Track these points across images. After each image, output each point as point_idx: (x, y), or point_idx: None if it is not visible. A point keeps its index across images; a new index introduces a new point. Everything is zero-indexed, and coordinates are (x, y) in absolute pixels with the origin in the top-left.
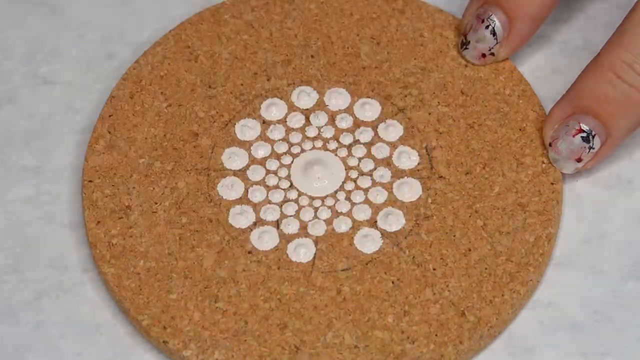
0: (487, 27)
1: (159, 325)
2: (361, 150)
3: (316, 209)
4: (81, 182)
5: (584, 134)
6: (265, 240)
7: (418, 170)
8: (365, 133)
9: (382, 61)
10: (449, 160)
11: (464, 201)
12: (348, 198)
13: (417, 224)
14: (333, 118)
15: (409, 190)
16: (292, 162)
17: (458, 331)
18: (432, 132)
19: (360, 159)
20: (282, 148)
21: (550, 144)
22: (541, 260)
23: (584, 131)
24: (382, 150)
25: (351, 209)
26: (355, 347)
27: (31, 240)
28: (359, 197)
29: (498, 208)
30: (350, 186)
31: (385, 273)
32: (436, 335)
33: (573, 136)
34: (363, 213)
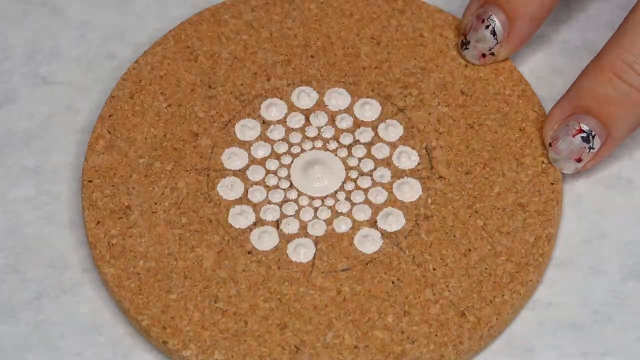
0: (487, 27)
1: (159, 325)
2: (361, 150)
3: (316, 209)
4: (81, 182)
5: (584, 134)
6: (265, 240)
7: (418, 170)
8: (365, 133)
9: (382, 61)
10: (449, 160)
11: (464, 201)
12: (348, 198)
13: (417, 224)
14: (333, 118)
15: (409, 190)
16: (292, 162)
17: (458, 331)
18: (432, 132)
19: (360, 159)
20: (282, 148)
21: (550, 144)
22: (541, 260)
23: (584, 131)
24: (382, 150)
25: (351, 209)
26: (355, 347)
27: (31, 240)
28: (359, 197)
29: (498, 208)
30: (350, 186)
31: (385, 273)
32: (436, 335)
33: (573, 136)
34: (363, 213)
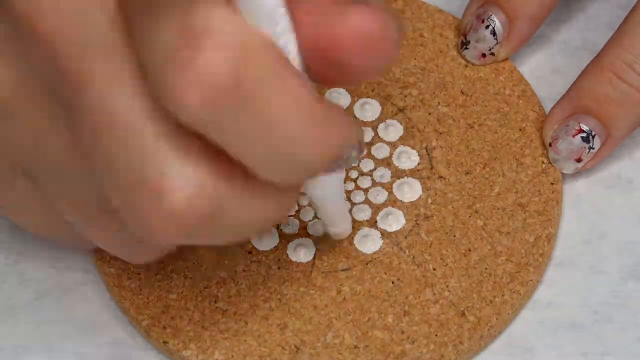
0: (487, 27)
1: (159, 325)
2: None
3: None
4: None
5: (584, 134)
6: (265, 240)
7: (418, 170)
8: (365, 133)
9: None
10: (449, 160)
11: (464, 201)
12: (348, 198)
13: (417, 224)
14: None
15: (409, 190)
16: None
17: (458, 331)
18: (432, 132)
19: (360, 159)
20: None
21: (550, 144)
22: (541, 260)
23: (584, 131)
24: (382, 150)
25: (351, 209)
26: (355, 347)
27: (31, 240)
28: (359, 197)
29: (498, 208)
30: (350, 186)
31: (385, 273)
32: (436, 335)
33: (573, 136)
34: (363, 213)
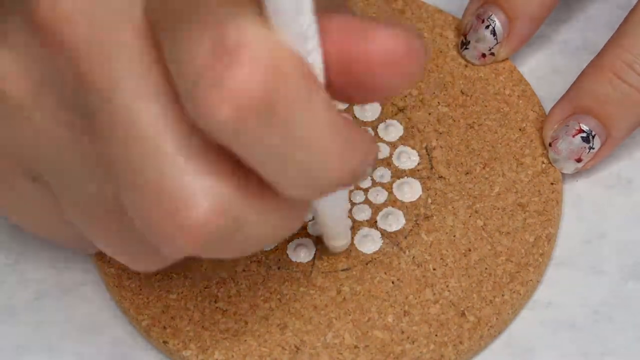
0: (487, 27)
1: (159, 325)
2: None
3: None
4: None
5: (584, 134)
6: None
7: (418, 170)
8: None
9: None
10: (449, 160)
11: (464, 201)
12: (348, 198)
13: (417, 224)
14: None
15: (409, 190)
16: None
17: (458, 331)
18: (432, 132)
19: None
20: None
21: (550, 144)
22: (541, 260)
23: (584, 131)
24: (382, 150)
25: (351, 209)
26: (355, 347)
27: (31, 240)
28: (359, 197)
29: (498, 208)
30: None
31: (385, 273)
32: (436, 335)
33: (573, 136)
34: (363, 213)
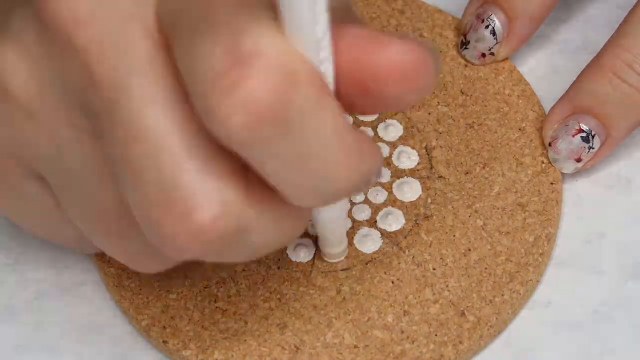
0: (487, 27)
1: (159, 325)
2: None
3: None
4: None
5: (584, 134)
6: None
7: (418, 170)
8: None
9: None
10: (449, 160)
11: (464, 201)
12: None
13: (417, 224)
14: None
15: (409, 190)
16: None
17: (458, 331)
18: (432, 132)
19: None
20: None
21: (550, 144)
22: (541, 260)
23: (584, 131)
24: (382, 150)
25: (351, 209)
26: (355, 347)
27: (31, 240)
28: (359, 197)
29: (498, 208)
30: None
31: (385, 273)
32: (436, 335)
33: (573, 136)
34: (363, 213)
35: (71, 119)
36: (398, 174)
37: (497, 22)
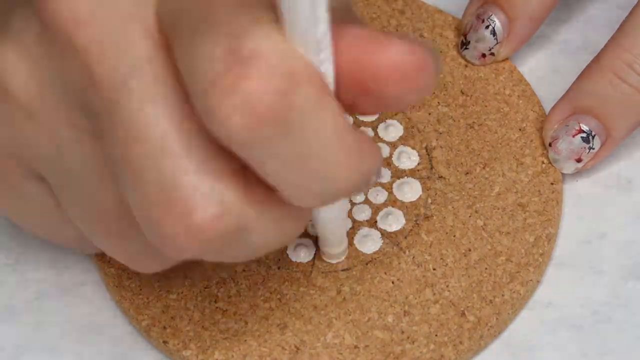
0: (487, 27)
1: (159, 325)
2: None
3: None
4: None
5: (584, 134)
6: None
7: (418, 170)
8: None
9: None
10: (449, 160)
11: (464, 201)
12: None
13: (417, 224)
14: None
15: (409, 190)
16: None
17: (458, 331)
18: (432, 132)
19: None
20: None
21: (550, 144)
22: (541, 260)
23: (584, 131)
24: (382, 150)
25: (351, 209)
26: (355, 347)
27: (31, 240)
28: (359, 197)
29: (498, 208)
30: None
31: (385, 273)
32: (436, 335)
33: (573, 136)
34: (363, 213)
35: (71, 119)
36: (398, 174)
37: (497, 22)
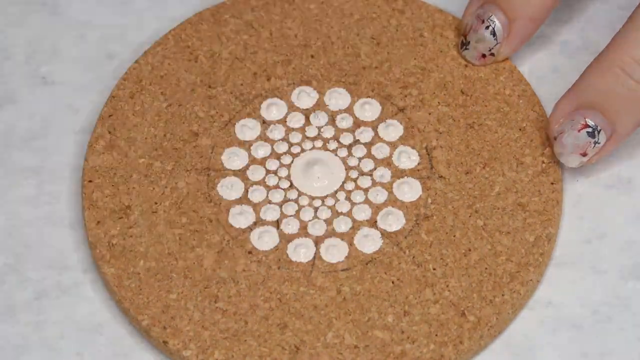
0: (487, 28)
1: (159, 325)
2: (361, 150)
3: (316, 209)
4: (81, 182)
5: (590, 129)
6: (265, 240)
7: (418, 170)
8: (365, 133)
9: (382, 61)
10: (449, 160)
11: (464, 201)
12: (348, 198)
13: (417, 224)
14: (333, 118)
15: (409, 190)
16: (292, 162)
17: (458, 331)
18: (432, 132)
19: (360, 159)
20: (282, 148)
21: (555, 138)
22: (541, 260)
23: (590, 126)
24: (382, 150)
25: (351, 209)
26: (355, 347)
27: (31, 240)
28: (359, 197)
29: (498, 208)
30: (350, 186)
31: (385, 273)
32: (436, 335)
33: (578, 131)
34: (363, 213)
35: None
36: (398, 174)
37: (497, 23)
